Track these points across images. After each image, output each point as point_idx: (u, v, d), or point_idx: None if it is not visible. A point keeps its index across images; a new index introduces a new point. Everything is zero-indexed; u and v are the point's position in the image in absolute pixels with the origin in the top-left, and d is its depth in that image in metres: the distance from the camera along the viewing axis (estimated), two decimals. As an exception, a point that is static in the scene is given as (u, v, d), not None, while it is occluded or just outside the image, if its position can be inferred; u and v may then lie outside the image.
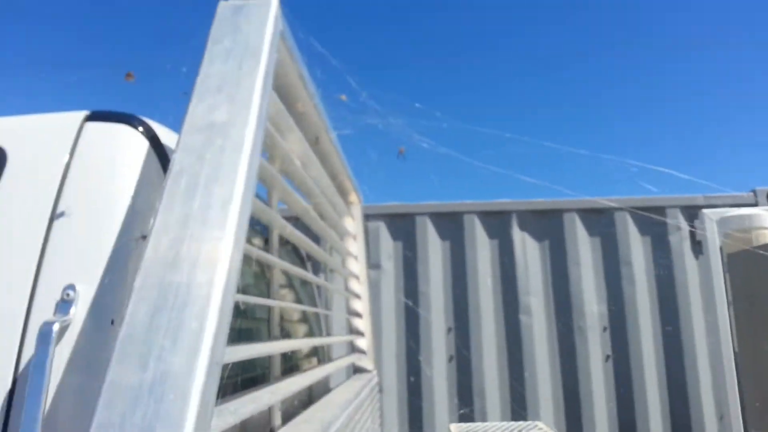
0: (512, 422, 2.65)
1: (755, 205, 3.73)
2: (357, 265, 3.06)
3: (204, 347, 0.68)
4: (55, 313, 0.88)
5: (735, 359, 2.70)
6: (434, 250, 4.05)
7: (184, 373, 0.65)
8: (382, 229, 4.11)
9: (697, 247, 3.65)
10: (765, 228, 2.61)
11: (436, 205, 4.15)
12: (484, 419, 3.64)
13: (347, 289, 3.05)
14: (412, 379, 3.82)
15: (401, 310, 3.96)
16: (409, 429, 3.76)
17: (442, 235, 4.09)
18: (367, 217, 4.08)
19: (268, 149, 1.49)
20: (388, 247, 4.09)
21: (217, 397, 0.67)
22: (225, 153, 0.91)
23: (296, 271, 1.67)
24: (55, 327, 0.81)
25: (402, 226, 4.10)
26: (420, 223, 4.11)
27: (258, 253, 1.18)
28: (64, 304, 0.88)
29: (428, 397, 3.78)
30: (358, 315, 3.03)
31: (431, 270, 4.02)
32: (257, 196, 1.64)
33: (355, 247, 3.05)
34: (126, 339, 0.67)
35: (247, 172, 0.90)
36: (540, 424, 2.71)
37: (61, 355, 0.81)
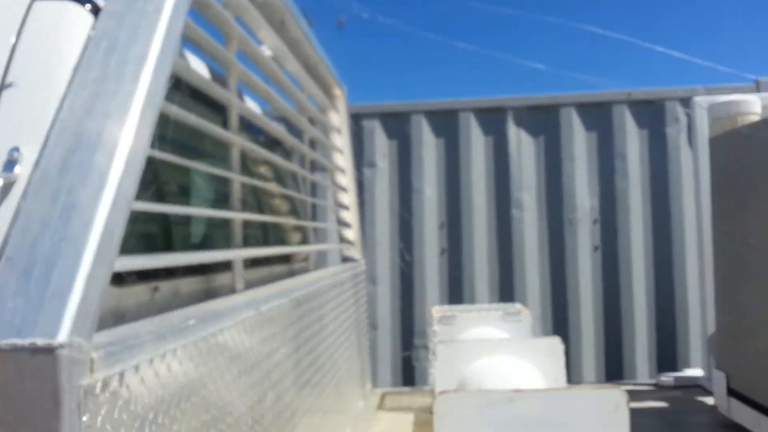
0: (491, 304, 2.80)
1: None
2: (343, 159, 3.13)
3: (109, 185, 0.76)
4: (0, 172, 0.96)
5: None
6: (428, 147, 4.09)
7: (89, 205, 0.74)
8: (377, 128, 4.15)
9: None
10: (752, 113, 2.60)
11: (431, 103, 4.15)
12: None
13: (334, 182, 3.15)
14: (404, 271, 4.00)
15: (395, 207, 4.07)
16: (400, 315, 3.98)
17: (437, 133, 4.12)
18: (362, 116, 4.10)
19: (224, 32, 1.52)
20: (383, 145, 4.14)
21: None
22: (145, 15, 0.96)
23: (260, 152, 1.74)
24: (0, 182, 0.90)
25: (397, 125, 4.13)
26: (415, 122, 4.13)
27: (205, 126, 1.24)
28: (9, 164, 0.96)
29: (420, 286, 3.97)
30: (345, 207, 3.14)
31: (425, 168, 4.09)
32: (219, 76, 1.67)
33: (340, 140, 3.11)
34: (40, 177, 0.76)
35: (166, 32, 0.95)
36: (518, 305, 2.87)
37: (6, 208, 0.90)
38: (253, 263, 1.81)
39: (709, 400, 2.89)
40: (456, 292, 3.93)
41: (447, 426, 1.40)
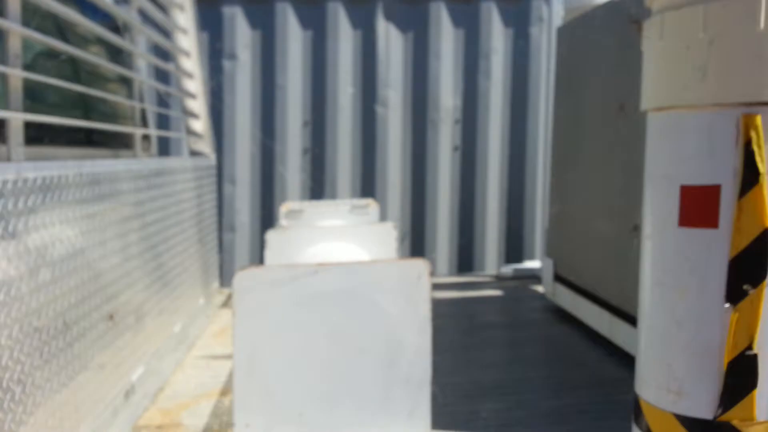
0: (343, 200, 2.78)
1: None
2: (187, 40, 2.89)
3: None
4: None
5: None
6: (294, 40, 3.89)
7: None
8: (239, 15, 3.87)
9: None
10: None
11: (298, -10, 3.91)
12: (334, 207, 3.83)
13: (178, 67, 2.92)
14: (265, 171, 3.89)
15: (257, 103, 3.89)
16: (260, 217, 3.91)
17: (304, 25, 3.92)
18: (222, 1, 3.80)
19: None
20: (245, 36, 3.88)
21: None
22: None
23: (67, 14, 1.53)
24: None
25: (260, 14, 3.87)
26: (280, 11, 3.89)
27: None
28: None
29: (281, 187, 3.89)
30: (191, 95, 2.94)
31: (290, 61, 3.90)
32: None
33: (183, 18, 2.85)
34: None
35: None
36: (369, 200, 2.87)
37: None
38: (70, 141, 1.66)
39: (541, 288, 3.12)
40: (317, 191, 3.90)
41: (247, 302, 1.37)
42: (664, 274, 1.36)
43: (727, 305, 1.26)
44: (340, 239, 2.45)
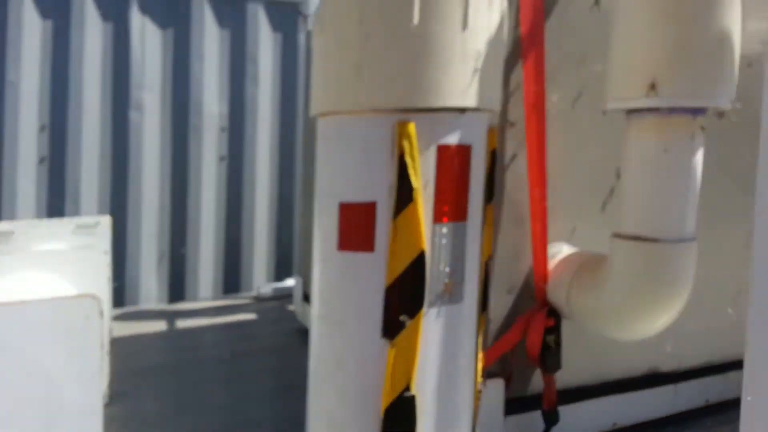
0: (72, 218, 2.33)
1: None
2: None
3: None
4: None
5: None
6: (30, 29, 3.32)
7: None
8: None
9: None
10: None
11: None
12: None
13: None
14: (-18, 182, 3.26)
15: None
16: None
17: (43, 12, 3.36)
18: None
19: None
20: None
21: None
22: None
23: None
24: None
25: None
26: (12, -5, 3.30)
27: None
28: None
29: (9, 202, 3.29)
30: None
31: (24, 54, 3.32)
32: None
33: None
34: None
35: None
36: (101, 217, 2.45)
37: None
38: None
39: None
40: (56, 207, 3.36)
41: None
42: (325, 306, 1.18)
43: (383, 340, 1.11)
44: (36, 268, 2.05)
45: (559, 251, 1.70)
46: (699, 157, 1.37)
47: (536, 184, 1.64)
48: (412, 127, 1.10)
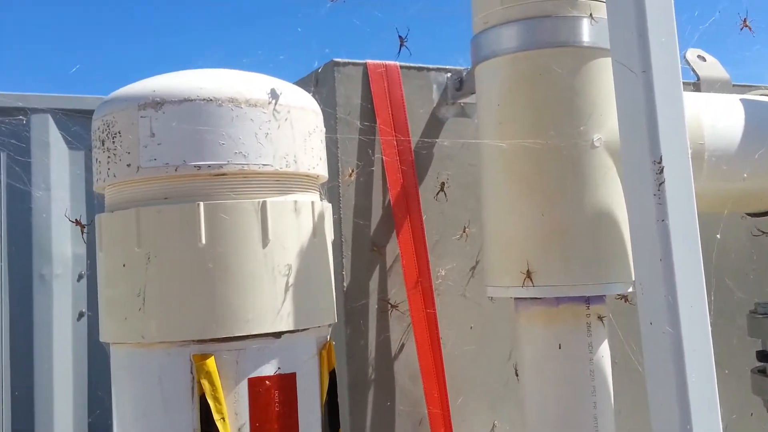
0: None
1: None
2: None
3: None
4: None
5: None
6: None
7: None
8: None
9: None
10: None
11: None
12: None
13: None
14: None
15: None
16: None
17: None
18: None
19: None
20: None
21: None
22: None
23: None
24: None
25: None
26: None
27: None
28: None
29: None
30: None
31: None
32: None
33: None
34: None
35: None
36: None
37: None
38: None
39: None
40: None
41: None
42: None
43: None
44: None
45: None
46: (602, 352, 1.48)
47: (433, 380, 1.74)
48: (211, 362, 1.20)
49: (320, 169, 1.38)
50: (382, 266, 1.77)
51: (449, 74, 1.90)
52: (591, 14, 1.44)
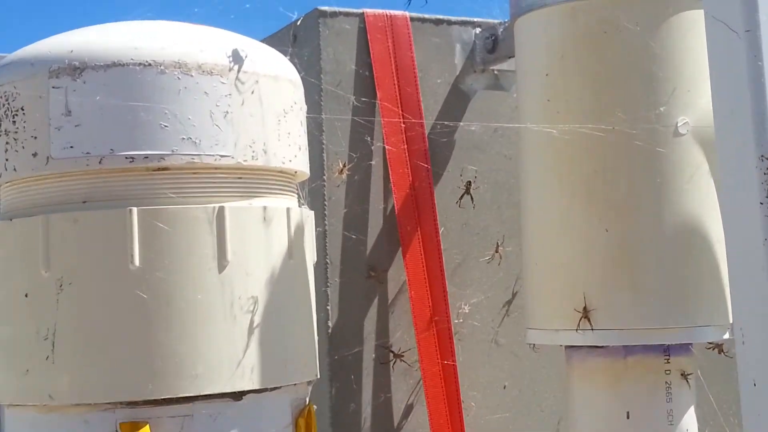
0: None
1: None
2: None
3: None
4: None
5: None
6: None
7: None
8: None
9: None
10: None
11: None
12: None
13: None
14: None
15: None
16: None
17: None
18: None
19: None
20: None
21: None
22: None
23: None
24: None
25: None
26: None
27: None
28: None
29: None
30: None
31: None
32: None
33: None
34: None
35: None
36: None
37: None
38: None
39: None
40: None
41: None
42: None
43: None
44: None
45: None
46: (686, 424, 1.51)
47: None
48: (146, 432, 1.22)
49: (299, 162, 1.39)
50: (383, 299, 1.78)
51: (478, 29, 1.91)
52: (675, -47, 1.46)
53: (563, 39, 1.50)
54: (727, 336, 1.48)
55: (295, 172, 1.41)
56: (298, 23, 1.84)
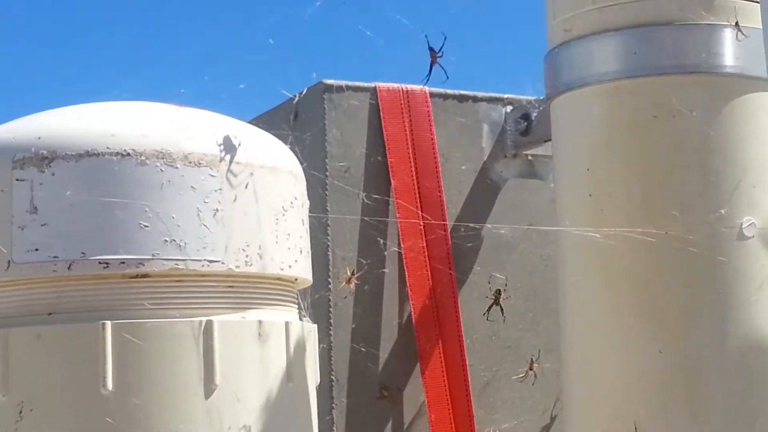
0: None
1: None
2: None
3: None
4: None
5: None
6: None
7: None
8: None
9: None
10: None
11: None
12: None
13: None
14: None
15: None
16: None
17: None
18: None
19: None
20: None
21: None
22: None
23: None
24: None
25: None
26: None
27: None
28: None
29: None
30: None
31: None
32: None
33: None
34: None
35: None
36: None
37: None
38: None
39: None
40: None
41: None
42: None
43: None
44: None
45: None
46: None
47: None
48: None
49: (300, 268, 1.40)
50: (397, 423, 1.78)
51: (509, 107, 1.92)
52: (737, 23, 1.47)
53: (607, 123, 1.50)
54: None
55: (296, 279, 1.41)
56: (301, 95, 1.82)
